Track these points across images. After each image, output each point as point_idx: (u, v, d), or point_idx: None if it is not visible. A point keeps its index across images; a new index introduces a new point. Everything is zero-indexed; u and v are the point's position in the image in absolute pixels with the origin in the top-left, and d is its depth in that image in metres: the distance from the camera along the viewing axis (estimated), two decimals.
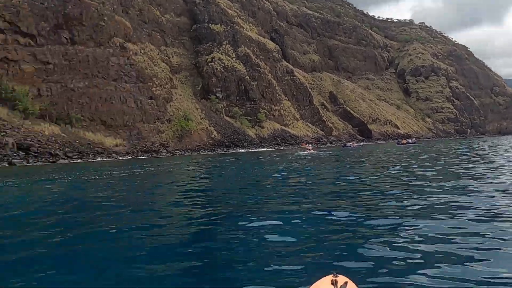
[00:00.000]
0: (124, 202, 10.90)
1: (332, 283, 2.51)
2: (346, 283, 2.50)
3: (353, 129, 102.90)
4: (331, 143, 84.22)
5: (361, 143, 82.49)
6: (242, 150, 60.26)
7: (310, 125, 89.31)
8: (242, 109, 73.74)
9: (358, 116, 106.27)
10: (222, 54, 76.73)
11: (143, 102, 57.31)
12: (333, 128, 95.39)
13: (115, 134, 51.30)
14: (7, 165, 32.04)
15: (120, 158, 44.70)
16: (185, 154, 53.21)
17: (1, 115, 39.76)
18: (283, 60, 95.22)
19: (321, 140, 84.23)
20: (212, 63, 74.13)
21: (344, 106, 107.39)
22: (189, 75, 74.70)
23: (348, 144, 68.65)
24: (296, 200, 9.53)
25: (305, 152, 43.53)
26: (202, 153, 55.45)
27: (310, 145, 57.51)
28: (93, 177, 19.64)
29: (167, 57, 71.59)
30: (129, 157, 45.96)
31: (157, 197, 12.20)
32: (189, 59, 76.88)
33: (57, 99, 47.54)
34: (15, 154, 35.37)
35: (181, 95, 67.37)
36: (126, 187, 15.52)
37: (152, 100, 59.39)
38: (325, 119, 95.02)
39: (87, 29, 53.48)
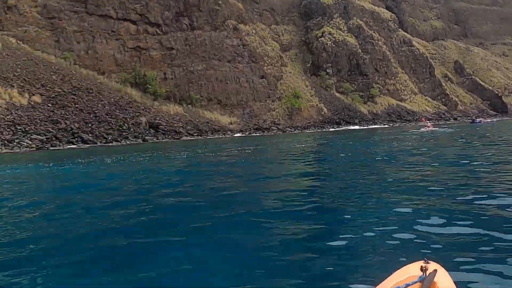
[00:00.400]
0: (242, 179, 11.73)
1: (421, 270, 2.42)
2: (435, 270, 2.38)
3: (483, 102, 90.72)
4: (455, 119, 75.96)
5: (494, 119, 72.35)
6: (354, 127, 58.44)
7: (430, 99, 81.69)
8: (353, 85, 70.98)
9: (490, 87, 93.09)
10: (332, 28, 74.35)
11: (255, 81, 59.47)
12: (458, 102, 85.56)
13: (230, 112, 54.56)
14: (141, 142, 36.97)
15: (235, 135, 47.57)
16: (295, 132, 53.93)
17: (136, 98, 45.66)
18: (399, 29, 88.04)
19: (443, 116, 76.54)
20: (322, 38, 72.41)
21: (473, 76, 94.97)
22: (298, 52, 74.47)
23: (478, 120, 60.82)
24: (409, 185, 9.04)
25: (423, 129, 40.22)
26: (311, 130, 55.49)
27: (429, 121, 52.85)
28: (211, 153, 21.41)
29: (277, 36, 72.39)
30: (242, 134, 48.59)
31: (267, 175, 12.78)
32: (299, 36, 76.45)
33: (180, 81, 52.49)
34: (147, 132, 40.49)
35: (291, 72, 67.81)
36: (242, 162, 16.57)
37: (263, 79, 61.15)
38: (448, 92, 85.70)
39: (204, 14, 57.20)
